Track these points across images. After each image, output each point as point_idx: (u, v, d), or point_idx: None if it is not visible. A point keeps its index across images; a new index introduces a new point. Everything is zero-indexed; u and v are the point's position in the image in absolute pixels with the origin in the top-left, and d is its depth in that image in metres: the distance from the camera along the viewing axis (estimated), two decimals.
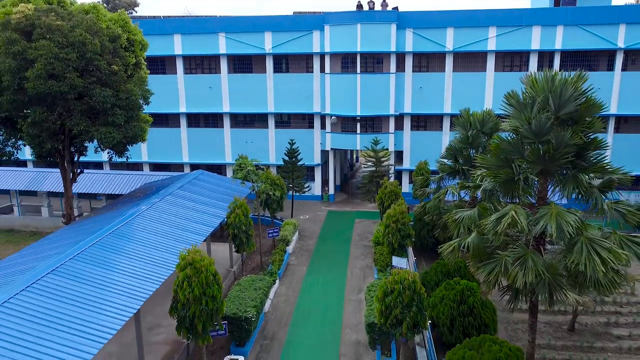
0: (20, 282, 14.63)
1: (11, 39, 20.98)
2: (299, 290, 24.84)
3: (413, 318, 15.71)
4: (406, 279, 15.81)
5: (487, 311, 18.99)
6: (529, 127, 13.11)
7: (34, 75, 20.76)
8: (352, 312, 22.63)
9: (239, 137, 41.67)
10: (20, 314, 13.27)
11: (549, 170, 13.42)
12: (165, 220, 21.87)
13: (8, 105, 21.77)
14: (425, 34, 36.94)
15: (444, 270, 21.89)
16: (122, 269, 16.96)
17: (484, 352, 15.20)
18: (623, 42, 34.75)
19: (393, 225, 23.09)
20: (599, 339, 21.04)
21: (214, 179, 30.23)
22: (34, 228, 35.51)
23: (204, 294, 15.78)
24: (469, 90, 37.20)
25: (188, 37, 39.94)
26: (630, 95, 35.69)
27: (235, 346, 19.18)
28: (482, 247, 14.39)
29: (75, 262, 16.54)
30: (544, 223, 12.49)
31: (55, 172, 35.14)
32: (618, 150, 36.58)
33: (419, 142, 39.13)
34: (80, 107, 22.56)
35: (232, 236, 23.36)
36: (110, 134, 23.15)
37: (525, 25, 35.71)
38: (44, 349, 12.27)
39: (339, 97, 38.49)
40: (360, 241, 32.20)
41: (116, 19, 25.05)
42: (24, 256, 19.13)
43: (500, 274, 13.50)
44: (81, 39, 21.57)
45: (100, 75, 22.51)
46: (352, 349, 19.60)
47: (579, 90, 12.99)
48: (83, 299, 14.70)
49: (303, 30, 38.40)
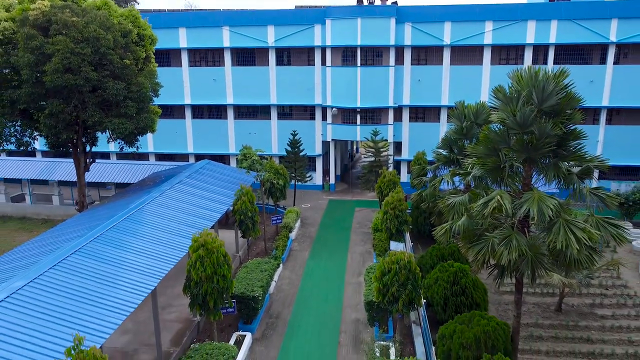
0: (47, 261, 15.93)
1: (29, 34, 22.12)
2: (302, 274, 26.21)
3: (408, 295, 17.05)
4: (402, 259, 17.15)
5: (478, 291, 20.30)
6: (514, 119, 14.33)
7: (52, 69, 21.92)
8: (352, 293, 24.00)
9: (242, 128, 42.87)
10: (50, 289, 14.58)
11: (533, 158, 14.67)
12: (176, 206, 23.15)
13: (26, 97, 22.95)
14: (423, 28, 38.02)
15: (439, 254, 23.21)
16: (139, 250, 18.26)
17: (473, 326, 16.56)
18: (615, 36, 35.82)
19: (391, 212, 24.38)
20: (584, 318, 22.39)
21: (219, 168, 31.50)
22: (45, 216, 36.82)
23: (215, 273, 17.11)
24: (465, 83, 38.33)
25: (193, 31, 41.00)
26: (622, 88, 36.78)
27: (243, 324, 20.55)
28: (471, 229, 15.67)
29: (95, 243, 17.84)
30: (526, 207, 13.76)
31: (65, 162, 36.41)
32: (610, 141, 37.84)
33: (417, 133, 40.33)
34: (94, 99, 23.75)
35: (238, 222, 24.67)
36: (123, 124, 24.37)
37: (521, 20, 36.79)
38: (75, 319, 13.58)
39: (339, 90, 39.65)
40: (360, 228, 33.53)
41: (127, 14, 26.16)
42: (46, 239, 20.43)
43: (487, 253, 14.79)
44: (95, 34, 22.71)
45: (113, 69, 23.68)
46: (352, 327, 20.99)
47: (560, 85, 14.15)
48: (105, 276, 16.01)
49: (305, 24, 39.46)
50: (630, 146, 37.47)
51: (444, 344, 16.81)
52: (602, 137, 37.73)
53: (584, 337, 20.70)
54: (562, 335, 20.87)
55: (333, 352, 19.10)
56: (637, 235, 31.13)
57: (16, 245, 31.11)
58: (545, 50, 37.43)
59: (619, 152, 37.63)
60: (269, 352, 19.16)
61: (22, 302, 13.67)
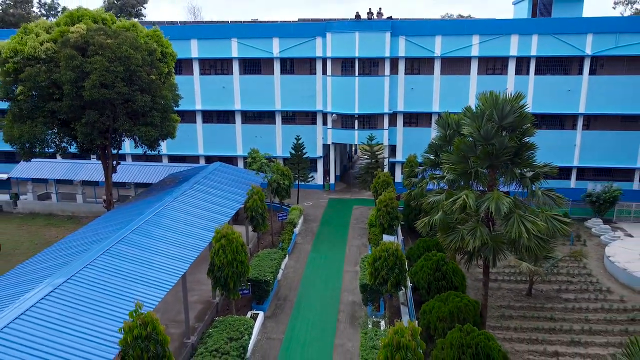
0: (97, 249, 19.38)
1: (70, 55, 25.58)
2: (305, 264, 29.72)
3: (396, 278, 20.51)
4: (391, 248, 20.61)
5: (457, 276, 23.72)
6: (479, 133, 17.82)
7: (90, 85, 25.38)
8: (349, 280, 27.51)
9: (249, 131, 46.34)
10: (104, 270, 18.03)
11: (495, 165, 18.16)
12: (196, 204, 26.60)
13: (67, 109, 26.41)
14: (416, 41, 41.47)
15: (425, 246, 26.69)
16: (170, 241, 21.72)
17: (449, 303, 20.02)
18: (590, 49, 39.27)
19: (383, 209, 27.84)
20: (550, 301, 25.91)
21: (231, 170, 34.96)
22: (70, 213, 40.32)
23: (235, 259, 20.58)
24: (454, 92, 41.77)
25: (204, 42, 44.44)
26: (597, 96, 40.21)
27: (256, 304, 24.04)
28: (446, 222, 19.16)
29: (133, 235, 21.29)
30: (487, 204, 17.25)
31: (88, 163, 39.94)
32: (586, 145, 41.29)
33: (410, 137, 43.80)
34: (124, 110, 27.22)
35: (250, 217, 28.12)
36: (149, 132, 27.86)
37: (505, 34, 40.23)
38: (128, 294, 17.03)
39: (339, 97, 43.12)
40: (357, 224, 37.03)
41: (151, 34, 29.64)
42: (90, 231, 23.91)
43: (458, 241, 18.29)
44: (127, 54, 26.17)
45: (142, 84, 27.15)
46: (349, 307, 24.50)
47: (515, 106, 17.62)
48: (146, 262, 19.47)
49: (307, 37, 42.91)
50: (605, 149, 40.90)
51: (425, 317, 20.28)
52: (579, 142, 41.18)
53: (548, 316, 24.22)
54: (529, 315, 24.38)
55: (333, 327, 22.61)
56: (606, 230, 34.63)
57: (47, 239, 34.78)
58: (527, 61, 40.88)
59: (595, 155, 41.17)
60: (278, 327, 22.67)
61: (84, 280, 17.11)
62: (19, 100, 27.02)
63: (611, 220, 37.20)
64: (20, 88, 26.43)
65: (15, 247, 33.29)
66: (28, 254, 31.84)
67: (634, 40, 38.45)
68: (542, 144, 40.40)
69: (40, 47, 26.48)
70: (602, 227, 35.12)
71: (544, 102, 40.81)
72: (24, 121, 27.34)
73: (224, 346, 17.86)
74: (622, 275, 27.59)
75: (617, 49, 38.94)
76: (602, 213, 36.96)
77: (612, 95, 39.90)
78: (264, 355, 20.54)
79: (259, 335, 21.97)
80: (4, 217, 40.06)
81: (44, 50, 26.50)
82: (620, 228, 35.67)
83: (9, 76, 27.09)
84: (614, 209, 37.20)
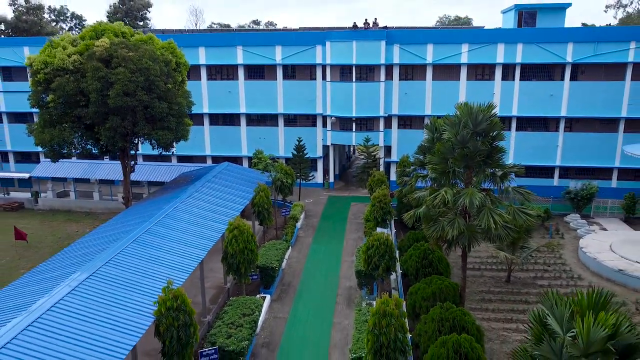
0: (127, 238, 22.37)
1: (96, 67, 28.56)
2: (307, 254, 32.77)
3: (386, 263, 23.49)
4: (382, 237, 23.64)
5: (442, 264, 26.71)
6: (456, 138, 20.82)
7: (114, 94, 28.35)
8: (346, 268, 30.55)
9: (253, 133, 49.36)
10: (135, 256, 21.03)
11: (470, 165, 21.17)
12: (209, 200, 29.63)
13: (93, 115, 29.40)
14: (409, 49, 44.48)
15: (414, 238, 29.68)
16: (188, 232, 24.72)
17: (432, 285, 23.06)
18: (571, 57, 42.28)
19: (377, 205, 30.83)
20: (526, 287, 28.92)
21: (238, 169, 37.99)
22: (87, 209, 43.36)
23: (246, 247, 23.58)
24: (445, 96, 44.76)
25: (211, 50, 47.44)
26: (577, 100, 43.24)
27: (264, 289, 27.09)
28: (429, 215, 22.17)
29: (156, 227, 24.28)
30: (462, 199, 20.26)
31: (104, 163, 42.94)
32: (568, 146, 44.32)
33: (404, 138, 46.81)
34: (144, 116, 30.21)
35: (257, 212, 31.13)
36: (166, 135, 30.87)
37: (492, 43, 43.23)
38: (156, 275, 20.04)
39: (337, 101, 46.14)
40: (354, 220, 40.07)
41: (166, 46, 32.62)
42: (117, 224, 26.94)
43: (439, 231, 21.30)
44: (146, 66, 29.16)
45: (159, 92, 30.13)
46: (346, 291, 27.56)
47: (487, 115, 20.61)
48: (169, 249, 22.46)
49: (308, 45, 45.92)
50: (585, 150, 43.94)
51: (412, 298, 23.30)
52: (561, 143, 44.23)
53: (523, 299, 27.23)
54: (506, 299, 27.39)
55: (331, 308, 25.66)
56: (583, 225, 37.65)
57: (69, 233, 37.85)
58: (513, 68, 43.88)
59: (576, 155, 44.21)
60: (284, 308, 25.72)
61: (119, 264, 20.12)
62: (49, 107, 29.99)
63: (589, 216, 40.26)
64: (51, 96, 29.41)
65: (40, 241, 36.32)
66: (53, 247, 35.00)
67: (611, 49, 41.46)
68: (527, 144, 44.15)
69: (68, 59, 29.45)
70: (579, 221, 38.16)
71: (528, 106, 43.86)
72: (53, 126, 30.36)
73: (238, 320, 20.90)
74: (593, 264, 30.61)
75: (595, 57, 41.96)
76: (581, 209, 39.99)
77: (591, 99, 42.94)
78: (272, 331, 23.59)
79: (267, 314, 25.02)
80: (27, 213, 43.10)
81: (72, 62, 29.47)
82: (596, 222, 38.72)
83: (40, 86, 30.07)
84: (591, 205, 40.22)
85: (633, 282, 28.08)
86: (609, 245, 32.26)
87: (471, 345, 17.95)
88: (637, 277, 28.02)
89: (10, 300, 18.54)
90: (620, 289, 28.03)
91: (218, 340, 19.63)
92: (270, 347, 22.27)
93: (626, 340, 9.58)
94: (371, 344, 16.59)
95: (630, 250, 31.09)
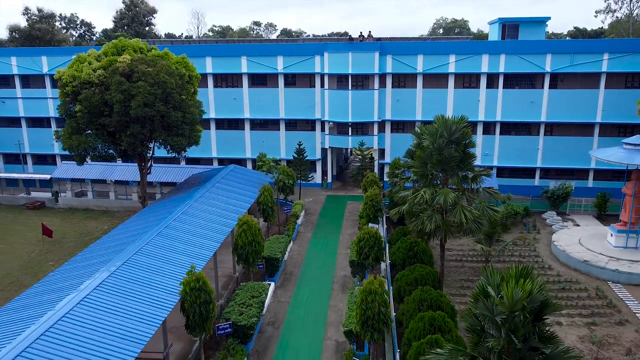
0: (150, 233, 25.96)
1: (119, 81, 32.17)
2: (307, 248, 36.42)
3: (375, 254, 27.13)
4: (372, 231, 27.27)
5: (426, 255, 30.25)
6: (434, 145, 24.45)
7: (135, 105, 31.95)
8: (342, 260, 34.19)
9: (256, 137, 53.02)
10: (159, 246, 24.65)
11: (445, 169, 24.81)
12: (219, 198, 33.24)
13: (116, 123, 33.00)
14: (401, 59, 48.10)
15: (402, 233, 33.22)
16: (203, 226, 28.32)
17: (415, 272, 26.66)
18: (550, 67, 45.92)
19: (369, 203, 34.47)
20: None
21: (244, 171, 41.63)
22: (104, 208, 47.00)
23: (254, 240, 27.21)
24: (435, 103, 48.38)
25: (217, 59, 51.08)
26: (556, 107, 46.87)
27: (268, 277, 30.73)
28: (411, 211, 25.80)
29: (175, 222, 27.85)
30: (438, 198, 23.90)
31: (119, 165, 46.57)
32: (548, 149, 47.95)
33: (397, 142, 50.43)
34: (161, 124, 33.82)
35: (262, 210, 34.76)
36: (180, 141, 34.51)
37: (477, 54, 46.85)
38: (178, 262, 23.65)
39: (335, 107, 49.78)
40: (350, 217, 43.72)
41: (180, 61, 36.23)
42: (140, 220, 30.56)
43: (420, 225, 24.94)
44: (163, 80, 32.77)
45: (175, 103, 33.74)
46: (341, 279, 31.22)
47: (460, 126, 24.22)
48: (186, 240, 26.05)
49: (307, 55, 49.55)
50: (563, 152, 47.57)
51: (397, 283, 26.91)
52: (541, 146, 47.88)
53: None
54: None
55: (328, 293, 29.31)
56: (557, 221, 41.27)
57: (89, 229, 41.46)
58: (496, 77, 47.50)
59: (556, 157, 47.86)
60: (286, 293, 29.37)
61: (145, 253, 23.72)
62: (76, 116, 33.59)
63: (565, 213, 43.89)
64: (79, 107, 33.00)
65: (63, 236, 39.94)
66: (76, 241, 38.67)
67: (586, 60, 45.11)
68: (510, 147, 47.91)
69: (93, 73, 33.06)
70: (555, 218, 41.80)
71: (511, 112, 47.52)
72: (80, 133, 33.99)
73: (248, 301, 24.55)
74: (562, 256, 34.23)
75: (572, 67, 45.61)
76: (557, 207, 43.62)
77: (569, 106, 46.59)
78: (276, 312, 27.25)
79: (272, 299, 28.67)
80: (48, 211, 46.73)
81: (97, 76, 33.07)
82: (571, 219, 42.37)
83: (68, 97, 33.68)
84: (567, 203, 43.86)
85: (595, 271, 31.71)
86: (578, 240, 35.89)
87: (444, 320, 21.56)
88: (599, 267, 31.64)
89: (64, 281, 22.15)
90: (585, 277, 31.67)
91: (232, 317, 23.27)
92: (275, 325, 25.94)
93: (537, 299, 13.17)
94: (359, 317, 20.27)
95: (596, 243, 34.73)
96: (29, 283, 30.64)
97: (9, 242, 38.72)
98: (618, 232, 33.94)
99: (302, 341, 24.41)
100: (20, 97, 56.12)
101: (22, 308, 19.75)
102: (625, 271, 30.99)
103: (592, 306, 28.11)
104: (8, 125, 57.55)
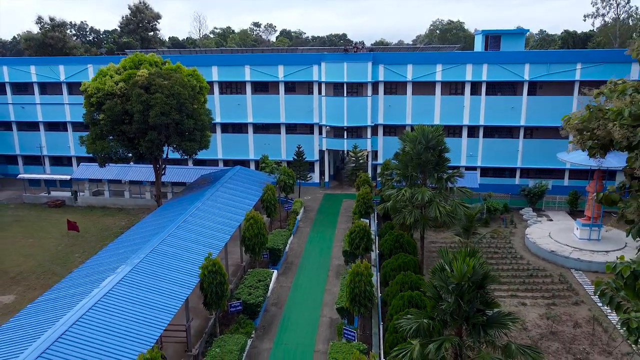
0: (170, 227, 30.12)
1: (139, 93, 36.33)
2: (306, 241, 40.63)
3: (365, 244, 31.28)
4: (361, 225, 31.46)
5: (410, 246, 34.37)
6: (413, 150, 28.65)
7: (154, 114, 36.10)
8: (337, 251, 38.39)
9: (259, 140, 57.21)
10: (178, 237, 28.83)
11: (424, 171, 29.01)
12: (228, 197, 37.42)
13: (135, 131, 37.16)
14: (392, 68, 52.27)
15: (390, 226, 37.41)
16: (214, 221, 32.50)
17: (399, 259, 30.86)
18: (528, 76, 50.08)
19: (361, 200, 38.68)
20: None
21: (248, 172, 45.82)
22: (120, 206, 51.20)
23: (259, 232, 31.39)
24: (423, 108, 52.54)
25: (222, 68, 55.25)
26: (534, 112, 51.01)
27: (272, 266, 34.95)
28: (395, 207, 30.01)
29: (190, 218, 32.04)
30: (417, 195, 28.10)
31: (134, 166, 50.75)
32: (527, 151, 52.11)
33: (388, 145, 54.53)
34: (175, 131, 38.00)
35: (265, 207, 38.93)
36: (193, 146, 38.71)
37: (462, 63, 51.01)
38: (195, 251, 27.81)
39: (331, 113, 53.97)
40: (345, 213, 47.92)
41: (191, 73, 40.39)
42: (160, 216, 34.75)
43: (402, 219, 29.14)
44: (178, 91, 36.92)
45: (187, 111, 37.91)
46: (336, 267, 35.46)
47: (435, 135, 28.39)
48: (202, 233, 30.24)
49: (306, 65, 53.71)
50: (541, 154, 51.70)
51: (384, 270, 31.13)
52: (521, 148, 52.07)
53: None
54: None
55: (324, 279, 33.55)
56: (533, 216, 45.49)
57: (108, 225, 45.61)
58: (480, 85, 51.65)
59: (534, 158, 52.04)
60: (287, 280, 33.61)
61: (167, 244, 27.89)
62: (99, 124, 37.75)
63: (541, 209, 48.10)
64: (102, 116, 37.16)
65: (86, 231, 44.13)
66: (98, 236, 42.88)
67: (561, 69, 49.27)
68: (493, 149, 52.26)
69: (116, 86, 37.22)
70: (530, 214, 46.03)
71: (493, 117, 51.67)
72: (103, 139, 38.16)
73: (255, 284, 28.79)
74: (533, 247, 38.44)
75: (548, 76, 49.77)
76: (534, 203, 47.83)
77: (546, 111, 50.72)
78: (279, 295, 31.47)
79: (275, 284, 32.89)
80: (69, 209, 50.91)
81: (119, 88, 37.22)
82: (545, 215, 46.59)
83: (93, 107, 37.83)
84: (542, 200, 48.07)
85: (560, 260, 35.94)
86: (548, 233, 40.11)
87: (420, 298, 25.77)
88: (563, 256, 35.87)
89: (103, 265, 26.35)
90: (551, 266, 35.90)
91: (242, 296, 27.49)
92: (278, 305, 30.18)
93: (479, 272, 17.38)
94: (348, 295, 24.48)
95: (564, 236, 38.96)
96: (60, 272, 34.96)
97: (37, 237, 42.92)
98: (582, 225, 38.18)
99: (302, 318, 28.65)
100: (38, 103, 60.25)
101: (72, 287, 23.99)
102: (586, 260, 35.24)
103: (554, 290, 32.33)
104: (27, 130, 61.72)
